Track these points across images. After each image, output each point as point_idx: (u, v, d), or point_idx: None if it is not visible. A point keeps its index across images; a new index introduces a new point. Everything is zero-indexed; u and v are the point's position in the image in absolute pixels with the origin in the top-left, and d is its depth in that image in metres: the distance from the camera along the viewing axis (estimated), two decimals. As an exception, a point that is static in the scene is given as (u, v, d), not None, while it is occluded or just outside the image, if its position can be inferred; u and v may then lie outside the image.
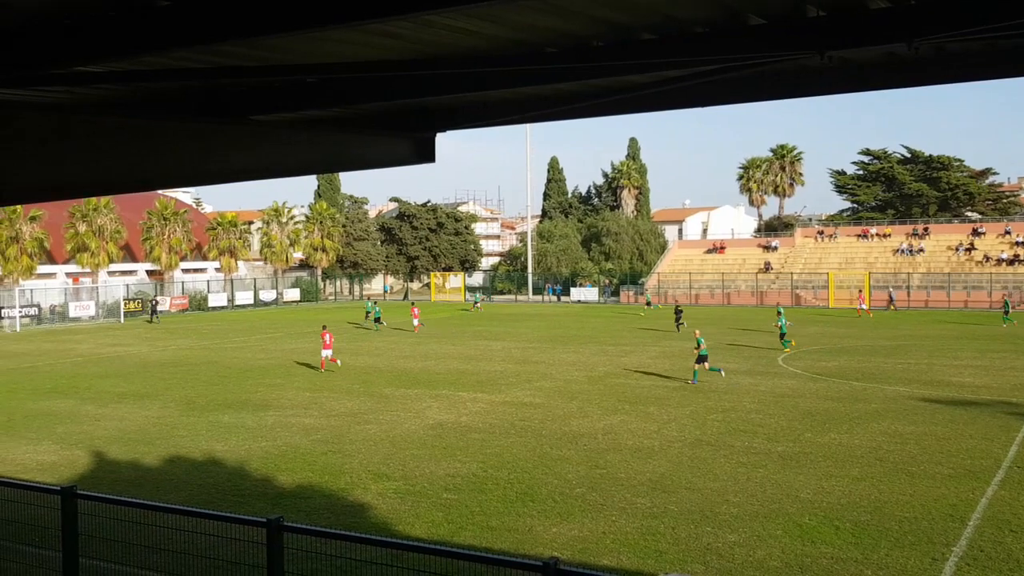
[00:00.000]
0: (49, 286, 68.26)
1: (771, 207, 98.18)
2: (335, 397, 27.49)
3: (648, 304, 65.87)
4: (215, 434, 22.25)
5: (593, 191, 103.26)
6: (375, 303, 59.77)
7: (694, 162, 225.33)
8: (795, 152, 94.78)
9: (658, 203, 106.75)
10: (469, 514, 15.37)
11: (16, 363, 39.04)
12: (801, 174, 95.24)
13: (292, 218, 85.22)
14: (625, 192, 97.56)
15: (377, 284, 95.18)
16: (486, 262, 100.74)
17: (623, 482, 17.13)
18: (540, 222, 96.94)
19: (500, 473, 17.94)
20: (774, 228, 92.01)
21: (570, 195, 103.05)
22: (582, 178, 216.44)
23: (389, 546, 7.66)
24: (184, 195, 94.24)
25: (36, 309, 62.80)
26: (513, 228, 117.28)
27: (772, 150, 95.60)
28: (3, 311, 59.86)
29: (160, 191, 71.75)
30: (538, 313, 64.87)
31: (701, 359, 29.17)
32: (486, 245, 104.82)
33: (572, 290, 79.26)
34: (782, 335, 38.67)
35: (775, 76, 8.67)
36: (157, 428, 23.24)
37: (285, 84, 8.25)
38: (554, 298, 79.91)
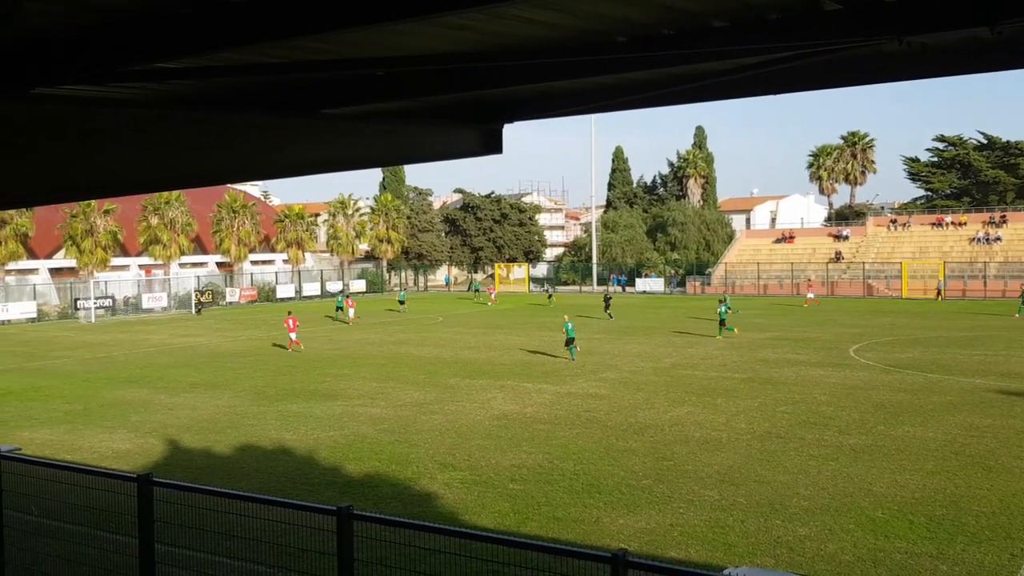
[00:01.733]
0: (123, 278, 70.05)
1: (842, 195, 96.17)
2: (401, 387, 27.70)
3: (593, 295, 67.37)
4: (284, 423, 22.59)
5: (658, 180, 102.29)
6: (346, 295, 61.80)
7: (762, 150, 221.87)
8: (867, 139, 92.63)
9: (725, 192, 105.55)
10: (535, 505, 15.35)
11: (92, 353, 40.13)
12: (873, 162, 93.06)
13: (358, 210, 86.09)
14: (691, 181, 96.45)
15: (441, 275, 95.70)
16: (550, 253, 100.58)
17: (690, 474, 16.96)
18: (605, 212, 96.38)
19: (566, 464, 17.89)
20: (845, 217, 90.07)
21: (635, 185, 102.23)
22: (647, 167, 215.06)
23: (457, 535, 7.64)
24: (252, 188, 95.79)
25: (110, 300, 64.52)
26: (577, 218, 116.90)
27: (843, 137, 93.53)
28: (79, 303, 61.63)
29: (230, 185, 73.05)
30: (603, 304, 64.52)
31: (569, 341, 33.04)
32: (550, 236, 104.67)
33: (637, 280, 78.73)
34: (722, 322, 39.44)
35: (850, 62, 8.43)
36: (228, 417, 23.68)
37: (354, 78, 8.27)
38: (619, 288, 79.45)
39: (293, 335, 38.96)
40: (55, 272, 70.69)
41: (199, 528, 8.51)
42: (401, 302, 62.12)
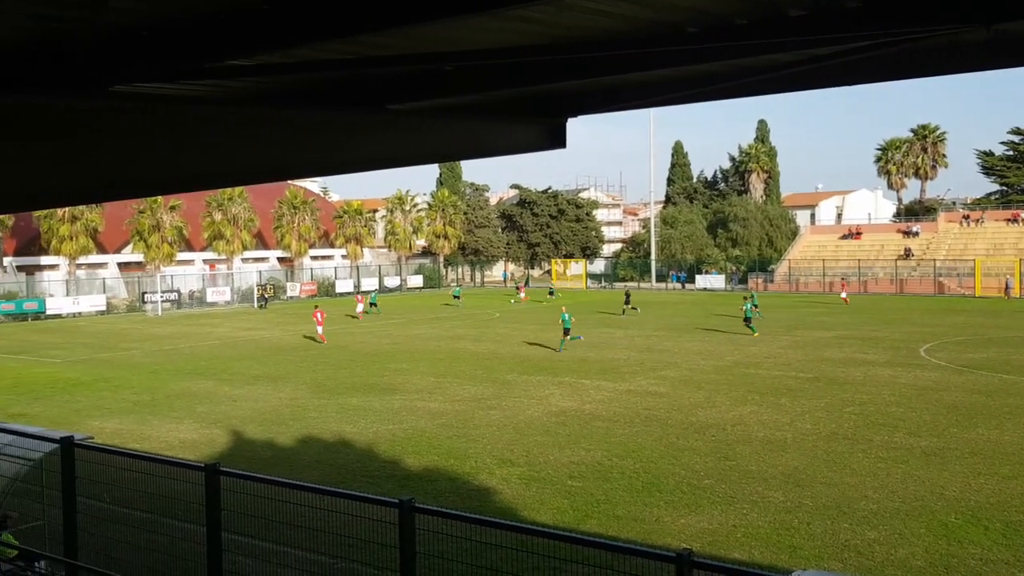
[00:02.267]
0: (188, 272, 71.38)
1: (912, 190, 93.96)
2: (458, 382, 27.75)
3: (551, 294, 67.98)
4: (344, 416, 22.77)
5: (719, 175, 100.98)
6: (358, 291, 65.04)
7: (827, 144, 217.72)
8: (938, 132, 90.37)
9: (788, 187, 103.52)
10: (594, 502, 15.24)
11: (159, 345, 40.94)
12: (944, 155, 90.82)
13: (415, 206, 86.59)
14: (753, 176, 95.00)
15: (498, 270, 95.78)
16: (608, 249, 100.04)
17: (754, 475, 16.69)
18: (664, 208, 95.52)
19: (625, 462, 17.74)
20: (915, 212, 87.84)
21: (695, 180, 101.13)
22: (707, 162, 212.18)
23: (518, 531, 7.59)
24: (312, 184, 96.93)
25: (176, 294, 65.82)
26: (635, 214, 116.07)
27: (913, 130, 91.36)
28: (146, 296, 62.98)
29: (291, 181, 74.01)
30: (662, 301, 64.05)
31: (566, 331, 35.04)
32: (608, 232, 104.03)
33: (697, 277, 77.86)
34: (747, 319, 39.57)
35: (928, 52, 8.16)
36: (290, 409, 23.95)
37: (421, 73, 8.25)
38: (678, 285, 78.71)
39: (320, 328, 40.31)
40: (123, 266, 72.26)
41: (263, 517, 8.58)
42: (456, 297, 63.30)
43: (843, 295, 59.34)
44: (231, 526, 8.66)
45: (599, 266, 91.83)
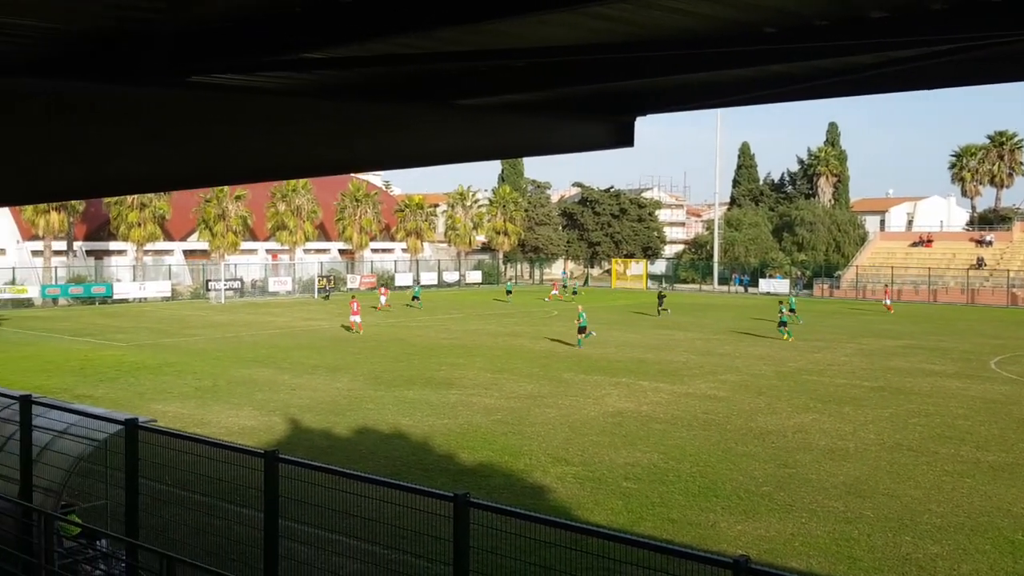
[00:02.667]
0: (251, 261, 72.52)
1: (986, 199, 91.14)
2: (515, 379, 27.72)
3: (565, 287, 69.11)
4: (400, 409, 22.89)
5: (786, 178, 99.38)
6: (381, 283, 68.73)
7: (900, 149, 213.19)
8: (1016, 139, 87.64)
9: (858, 192, 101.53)
10: (649, 504, 15.10)
11: (221, 332, 41.65)
12: (1021, 163, 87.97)
13: (476, 202, 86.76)
14: (822, 180, 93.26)
15: (557, 269, 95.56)
16: (669, 250, 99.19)
17: (814, 483, 16.37)
18: (728, 209, 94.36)
19: (682, 465, 17.54)
20: (989, 221, 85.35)
21: (761, 182, 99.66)
22: (775, 164, 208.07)
23: (573, 530, 7.50)
24: (375, 178, 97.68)
25: (239, 283, 66.94)
26: (699, 215, 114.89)
27: (989, 137, 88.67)
28: (210, 284, 64.16)
29: (355, 174, 74.70)
30: (724, 304, 63.34)
31: (581, 329, 35.88)
32: (670, 232, 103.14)
33: (761, 281, 76.72)
34: (782, 323, 39.76)
35: (1014, 57, 7.88)
36: (347, 400, 24.15)
37: (492, 68, 8.22)
38: (741, 289, 77.67)
39: (356, 318, 41.28)
40: (189, 254, 73.67)
41: (319, 505, 8.63)
42: (508, 292, 65.36)
43: (886, 302, 58.24)
44: (287, 513, 8.73)
45: (660, 267, 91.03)
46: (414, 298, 58.31)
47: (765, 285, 75.77)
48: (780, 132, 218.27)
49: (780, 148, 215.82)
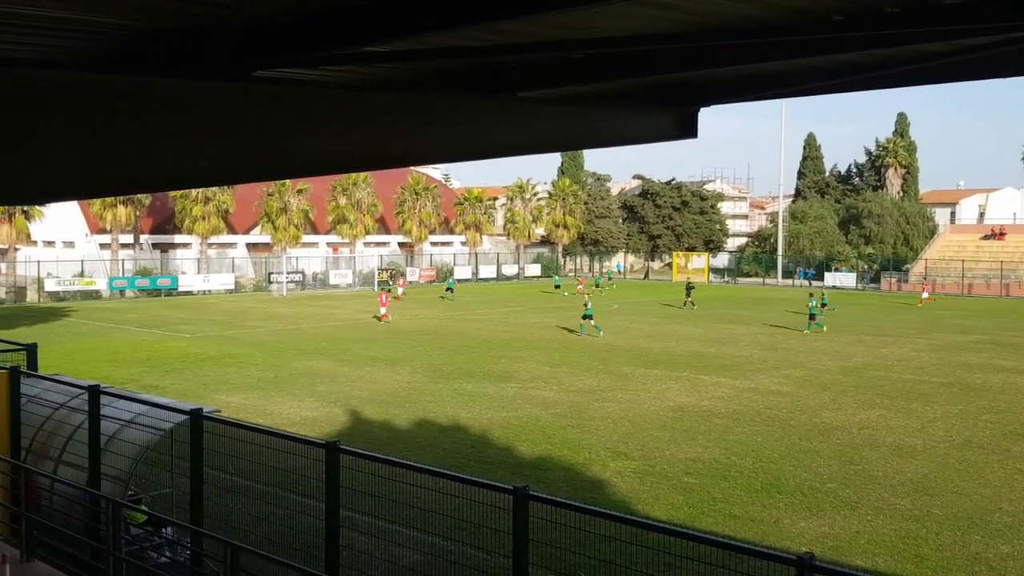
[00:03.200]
0: (312, 255, 73.42)
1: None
2: (574, 373, 27.64)
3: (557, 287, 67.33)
4: (459, 401, 22.98)
5: (853, 170, 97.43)
6: (400, 272, 70.60)
7: (971, 139, 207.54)
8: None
9: (927, 183, 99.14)
10: (711, 500, 14.94)
11: (283, 324, 42.25)
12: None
13: (535, 194, 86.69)
14: (890, 171, 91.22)
15: (615, 262, 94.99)
16: (732, 243, 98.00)
17: (880, 480, 16.04)
18: (793, 202, 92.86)
19: (744, 461, 17.31)
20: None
21: (827, 174, 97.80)
22: (841, 156, 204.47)
23: (633, 524, 7.41)
24: (434, 171, 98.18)
25: (300, 275, 67.84)
26: (763, 208, 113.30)
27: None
28: (272, 276, 65.14)
29: (415, 167, 75.18)
30: (787, 298, 62.34)
31: (586, 317, 37.23)
32: (732, 225, 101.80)
33: (826, 275, 75.39)
34: (812, 316, 39.71)
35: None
36: (406, 392, 24.31)
37: (553, 60, 8.16)
38: (805, 283, 76.45)
39: (384, 309, 43.76)
40: (251, 247, 74.88)
41: (379, 496, 8.69)
42: (557, 286, 66.43)
43: (925, 295, 56.99)
44: (348, 503, 8.79)
45: (722, 260, 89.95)
46: (448, 290, 58.77)
47: (831, 279, 74.40)
48: (847, 123, 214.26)
49: (847, 139, 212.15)
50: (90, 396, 11.07)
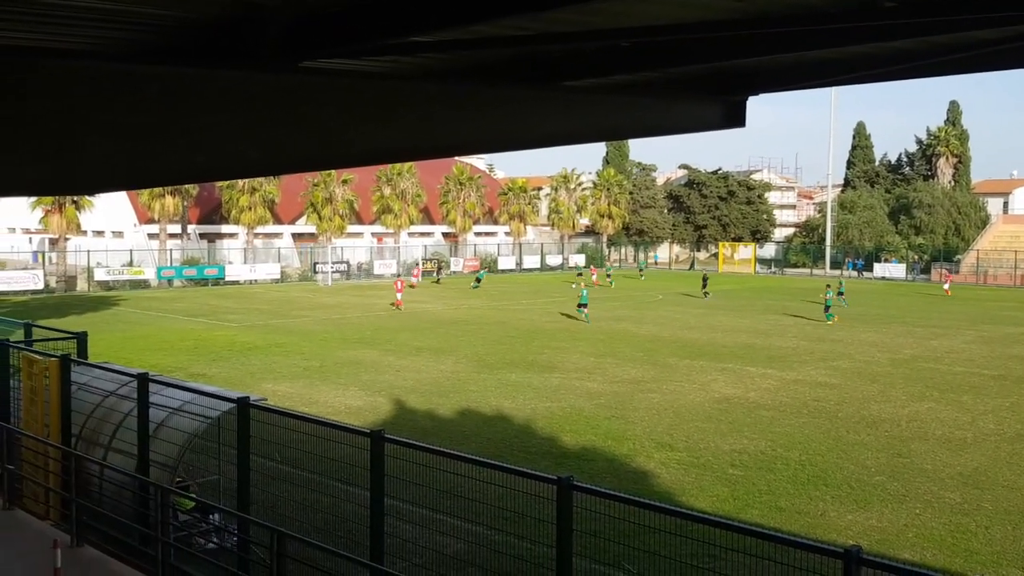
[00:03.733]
0: (357, 244, 73.96)
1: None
2: (618, 364, 27.54)
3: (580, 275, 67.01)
4: (503, 391, 23.01)
5: (904, 159, 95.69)
6: (423, 260, 70.78)
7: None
8: None
9: (980, 173, 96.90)
10: (756, 492, 14.81)
11: (328, 314, 42.62)
12: None
13: (580, 184, 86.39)
14: (941, 160, 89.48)
15: (662, 252, 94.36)
16: (779, 233, 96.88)
17: (929, 474, 15.80)
18: (842, 192, 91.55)
19: (790, 453, 17.14)
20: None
21: (877, 163, 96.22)
22: (891, 145, 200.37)
23: (677, 515, 7.39)
24: (478, 161, 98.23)
25: (345, 265, 68.37)
26: (811, 198, 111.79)
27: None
28: (317, 266, 65.71)
29: (457, 157, 75.27)
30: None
31: (581, 306, 39.13)
32: (780, 215, 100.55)
33: (875, 265, 74.29)
34: (827, 307, 39.64)
35: None
36: (450, 382, 24.40)
37: (598, 49, 8.10)
38: (854, 273, 75.37)
39: (399, 295, 45.89)
40: (297, 237, 75.56)
41: (424, 485, 8.73)
42: (579, 275, 66.55)
43: (945, 286, 56.02)
44: (392, 491, 8.86)
45: (769, 250, 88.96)
46: (477, 279, 59.24)
47: (880, 270, 73.29)
48: (898, 111, 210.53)
49: (897, 128, 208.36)
50: (139, 384, 11.26)
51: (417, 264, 68.19)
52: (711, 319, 40.31)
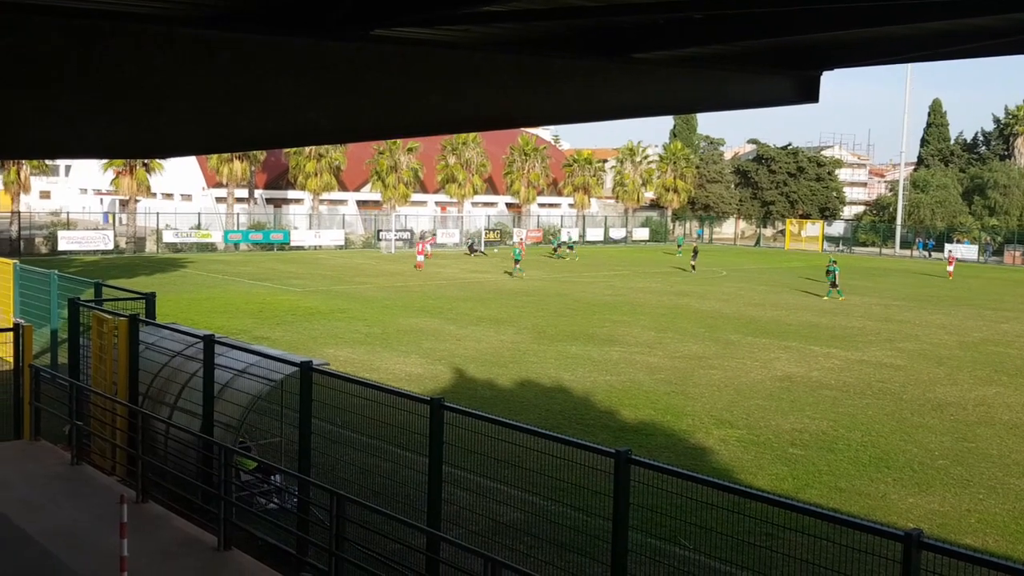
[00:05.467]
0: (420, 213, 74.37)
1: None
2: (680, 339, 27.37)
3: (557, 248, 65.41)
4: (562, 363, 23.03)
5: (980, 138, 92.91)
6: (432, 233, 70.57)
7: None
8: None
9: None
10: (816, 472, 14.65)
11: (391, 282, 43.02)
12: None
13: (646, 157, 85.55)
14: (1019, 140, 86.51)
15: (728, 229, 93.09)
16: (848, 211, 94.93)
17: (994, 459, 15.47)
18: (915, 170, 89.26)
19: (852, 434, 16.90)
20: None
21: (952, 142, 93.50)
22: (967, 124, 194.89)
23: (735, 492, 7.35)
24: (544, 132, 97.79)
25: (408, 233, 68.83)
26: (882, 176, 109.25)
27: None
28: (381, 234, 66.28)
29: (524, 128, 75.01)
30: (905, 269, 60.33)
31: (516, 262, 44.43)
32: (850, 193, 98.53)
33: (946, 246, 72.47)
34: (833, 284, 39.79)
35: None
36: (510, 352, 24.50)
37: (670, 21, 7.99)
38: (924, 254, 73.60)
39: (420, 257, 49.21)
40: (362, 204, 76.26)
41: (481, 454, 8.81)
42: (679, 246, 68.44)
43: (950, 268, 54.64)
44: (450, 459, 8.95)
45: (838, 228, 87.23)
46: (569, 248, 59.58)
47: (951, 251, 71.47)
48: (975, 89, 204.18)
49: (974, 106, 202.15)
50: (205, 345, 11.49)
51: (434, 235, 68.93)
52: (775, 297, 39.78)
